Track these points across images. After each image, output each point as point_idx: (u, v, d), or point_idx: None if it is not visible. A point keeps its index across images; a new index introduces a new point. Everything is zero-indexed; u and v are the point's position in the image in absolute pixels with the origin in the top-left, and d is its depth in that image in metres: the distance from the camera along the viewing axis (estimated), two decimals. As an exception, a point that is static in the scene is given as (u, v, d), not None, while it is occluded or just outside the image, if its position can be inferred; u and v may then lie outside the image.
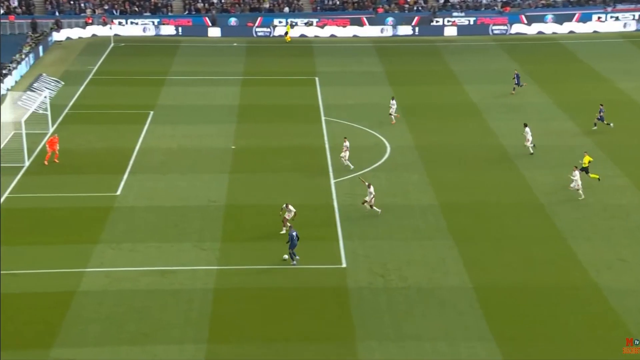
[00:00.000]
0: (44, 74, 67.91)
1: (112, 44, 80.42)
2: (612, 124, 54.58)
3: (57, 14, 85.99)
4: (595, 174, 45.89)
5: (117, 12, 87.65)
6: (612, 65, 73.37)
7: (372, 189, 41.97)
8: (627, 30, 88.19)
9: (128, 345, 31.38)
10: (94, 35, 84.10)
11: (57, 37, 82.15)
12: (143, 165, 49.44)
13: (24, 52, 72.67)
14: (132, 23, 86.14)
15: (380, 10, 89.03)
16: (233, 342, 31.76)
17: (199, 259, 37.95)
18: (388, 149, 52.06)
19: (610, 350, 31.17)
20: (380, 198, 43.97)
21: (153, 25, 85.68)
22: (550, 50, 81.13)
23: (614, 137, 54.19)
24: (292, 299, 34.75)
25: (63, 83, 66.76)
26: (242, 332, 32.34)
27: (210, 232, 40.65)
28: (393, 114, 56.73)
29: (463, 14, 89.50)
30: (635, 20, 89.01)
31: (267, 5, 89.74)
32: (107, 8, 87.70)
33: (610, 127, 54.48)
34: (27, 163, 48.91)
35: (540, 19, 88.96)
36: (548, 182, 46.61)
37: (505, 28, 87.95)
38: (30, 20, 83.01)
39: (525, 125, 51.25)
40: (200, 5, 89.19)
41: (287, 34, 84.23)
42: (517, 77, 64.09)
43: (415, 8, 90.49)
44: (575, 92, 65.27)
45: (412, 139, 53.95)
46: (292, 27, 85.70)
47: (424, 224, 41.73)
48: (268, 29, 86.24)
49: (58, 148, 49.41)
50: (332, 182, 46.86)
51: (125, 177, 47.55)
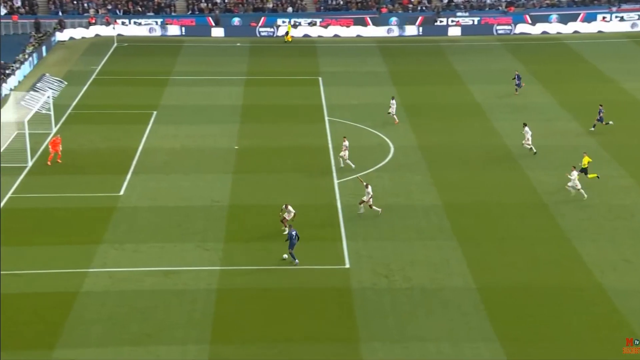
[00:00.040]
0: (47, 74, 67.88)
1: (115, 44, 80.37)
2: (611, 122, 54.37)
3: (60, 14, 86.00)
4: (594, 174, 45.72)
5: (120, 12, 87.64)
6: (616, 66, 73.22)
7: (369, 189, 41.82)
8: (632, 31, 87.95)
9: (131, 346, 31.32)
10: (97, 35, 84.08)
11: (60, 37, 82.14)
12: (146, 166, 49.37)
13: (27, 52, 72.72)
14: (135, 23, 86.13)
15: (384, 10, 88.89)
16: (236, 342, 31.67)
17: (202, 260, 37.87)
18: (391, 149, 51.94)
19: (614, 351, 31.04)
20: (384, 198, 43.87)
21: (157, 25, 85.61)
22: (555, 51, 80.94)
23: (619, 137, 54.04)
24: (295, 300, 34.66)
25: (66, 83, 66.71)
26: (245, 332, 32.25)
27: (214, 232, 40.57)
28: (393, 114, 56.53)
29: (467, 14, 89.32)
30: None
31: (270, 5, 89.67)
32: (110, 8, 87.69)
33: (610, 124, 54.25)
34: (30, 163, 48.88)
35: (545, 19, 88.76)
36: (552, 182, 46.45)
37: (510, 28, 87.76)
38: (34, 20, 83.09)
39: (525, 125, 51.12)
40: (204, 5, 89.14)
41: (287, 34, 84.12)
42: (517, 77, 63.91)
43: (419, 8, 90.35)
44: (580, 92, 65.11)
45: (415, 139, 53.84)
46: (295, 27, 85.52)
47: (428, 225, 41.62)
48: (271, 29, 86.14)
49: (61, 149, 49.40)
50: (335, 182, 46.75)
51: (129, 177, 47.49)
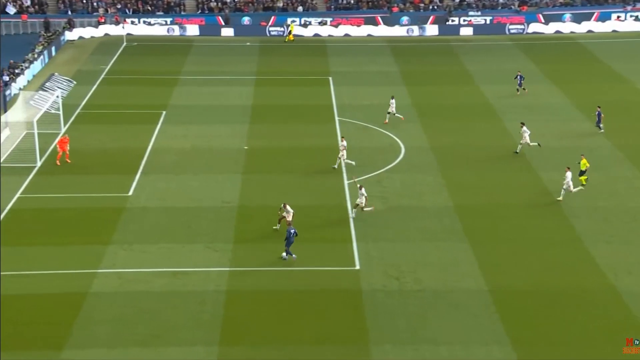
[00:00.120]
0: (57, 74, 67.79)
1: (124, 43, 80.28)
2: (602, 128, 53.59)
3: (69, 13, 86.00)
4: (584, 176, 44.91)
5: (129, 11, 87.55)
6: (631, 66, 72.61)
7: (363, 191, 41.47)
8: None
9: (139, 347, 31.11)
10: (107, 35, 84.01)
11: (69, 36, 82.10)
12: (155, 166, 49.16)
13: (37, 51, 72.66)
14: (144, 22, 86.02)
15: (395, 10, 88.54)
16: (245, 344, 31.41)
17: (211, 261, 37.61)
18: (402, 150, 51.58)
19: (629, 356, 30.56)
20: (395, 199, 43.58)
21: (167, 25, 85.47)
22: (568, 50, 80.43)
23: (633, 138, 53.54)
24: (305, 301, 34.36)
25: (75, 82, 66.61)
26: (254, 334, 31.99)
27: (223, 233, 40.30)
28: (395, 113, 56.12)
29: (479, 13, 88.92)
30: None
31: (280, 5, 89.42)
32: (119, 7, 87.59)
33: (601, 131, 53.58)
34: (39, 163, 48.71)
35: (558, 18, 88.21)
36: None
37: (522, 27, 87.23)
38: (43, 20, 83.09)
39: (522, 124, 50.63)
40: (214, 5, 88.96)
41: (290, 34, 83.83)
42: (519, 77, 63.34)
43: (431, 7, 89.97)
44: (594, 92, 64.32)
45: (426, 140, 53.47)
46: (305, 26, 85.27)
47: (439, 226, 41.24)
48: (281, 29, 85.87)
49: (68, 148, 49.22)
50: (345, 182, 46.42)
51: (138, 177, 47.27)
